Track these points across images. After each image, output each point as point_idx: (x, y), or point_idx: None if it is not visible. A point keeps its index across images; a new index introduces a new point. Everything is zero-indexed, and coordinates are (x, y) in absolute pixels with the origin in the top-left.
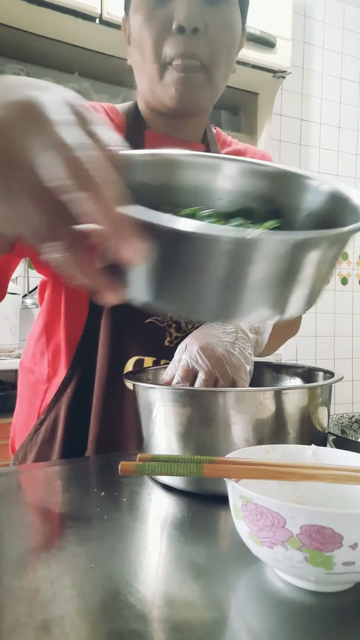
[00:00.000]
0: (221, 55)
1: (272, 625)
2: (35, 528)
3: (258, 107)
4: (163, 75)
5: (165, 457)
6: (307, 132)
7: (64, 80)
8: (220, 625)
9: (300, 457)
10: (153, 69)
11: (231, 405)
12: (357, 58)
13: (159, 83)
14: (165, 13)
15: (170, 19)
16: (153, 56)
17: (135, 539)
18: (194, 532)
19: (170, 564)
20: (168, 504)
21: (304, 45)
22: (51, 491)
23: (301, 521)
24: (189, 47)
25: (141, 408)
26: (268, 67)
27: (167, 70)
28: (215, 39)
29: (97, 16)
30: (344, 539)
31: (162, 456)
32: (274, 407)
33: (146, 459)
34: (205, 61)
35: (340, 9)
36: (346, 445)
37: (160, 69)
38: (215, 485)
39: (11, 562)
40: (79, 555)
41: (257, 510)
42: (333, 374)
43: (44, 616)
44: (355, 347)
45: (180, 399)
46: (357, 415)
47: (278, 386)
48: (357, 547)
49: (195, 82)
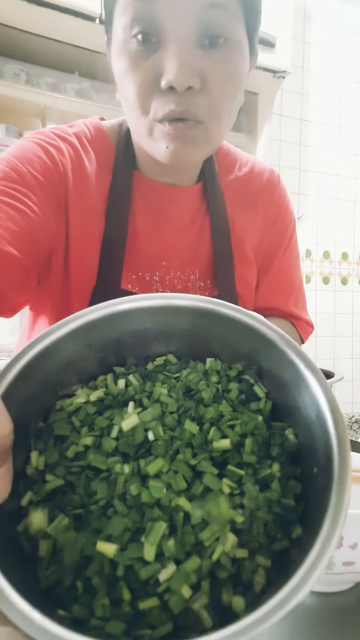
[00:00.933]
0: (222, 110)
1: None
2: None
3: (258, 107)
4: (152, 130)
5: None
6: (307, 132)
7: (64, 80)
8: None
9: None
10: (140, 123)
11: None
12: (357, 58)
13: (148, 138)
14: (153, 64)
15: (159, 72)
16: (140, 111)
17: None
18: None
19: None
20: None
21: (304, 45)
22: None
23: None
24: (182, 105)
25: None
26: (268, 67)
27: (156, 127)
28: (214, 93)
29: (97, 16)
30: (344, 539)
31: None
32: None
33: None
34: (203, 118)
35: (340, 9)
36: None
37: (149, 124)
38: None
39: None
40: None
41: None
42: (333, 374)
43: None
44: (355, 347)
45: None
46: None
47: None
48: (357, 547)
49: (190, 139)
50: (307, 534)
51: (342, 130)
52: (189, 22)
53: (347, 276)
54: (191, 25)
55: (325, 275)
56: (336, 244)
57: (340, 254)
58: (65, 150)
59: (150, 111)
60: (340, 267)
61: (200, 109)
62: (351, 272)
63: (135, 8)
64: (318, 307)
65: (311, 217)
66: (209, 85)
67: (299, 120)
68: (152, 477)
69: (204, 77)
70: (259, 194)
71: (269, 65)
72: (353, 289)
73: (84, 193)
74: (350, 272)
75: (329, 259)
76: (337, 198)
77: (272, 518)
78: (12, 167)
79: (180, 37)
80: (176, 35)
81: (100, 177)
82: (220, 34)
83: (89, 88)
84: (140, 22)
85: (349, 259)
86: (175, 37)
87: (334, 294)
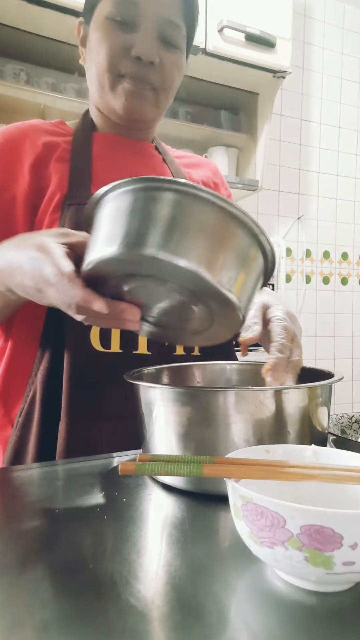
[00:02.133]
0: (170, 86)
1: (272, 625)
2: (35, 528)
3: (258, 107)
4: (115, 86)
5: (165, 457)
6: (307, 132)
7: (64, 80)
8: (220, 625)
9: (300, 457)
10: (105, 78)
11: (231, 405)
12: (357, 58)
13: (111, 92)
14: (127, 39)
15: (130, 45)
16: (108, 67)
17: (135, 539)
18: (194, 532)
19: (170, 564)
20: (168, 504)
21: (304, 45)
22: (51, 491)
23: (301, 521)
24: (143, 72)
25: (141, 408)
26: (268, 67)
27: (119, 82)
28: (166, 72)
29: None
30: (344, 539)
31: (162, 456)
32: (274, 406)
33: (146, 459)
34: (155, 85)
35: (340, 9)
36: (346, 445)
37: (113, 80)
38: (215, 485)
39: (11, 562)
40: (79, 555)
41: (257, 510)
42: (333, 374)
43: (44, 616)
44: (355, 347)
45: (180, 399)
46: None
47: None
48: (357, 547)
49: (144, 96)
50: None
51: (342, 130)
52: (157, 22)
53: (347, 276)
54: (158, 24)
55: (325, 275)
56: (336, 244)
57: (340, 254)
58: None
59: (116, 70)
60: (340, 267)
61: (155, 79)
62: (351, 272)
63: (118, 1)
64: (318, 307)
65: (311, 217)
66: (163, 67)
67: (299, 120)
68: None
69: (161, 60)
70: (200, 164)
71: (269, 65)
72: (353, 289)
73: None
74: (350, 272)
75: (329, 259)
76: (337, 198)
77: None
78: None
79: (149, 29)
80: (147, 27)
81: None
82: (173, 40)
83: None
84: (121, 10)
85: (349, 259)
86: (146, 28)
87: (334, 294)
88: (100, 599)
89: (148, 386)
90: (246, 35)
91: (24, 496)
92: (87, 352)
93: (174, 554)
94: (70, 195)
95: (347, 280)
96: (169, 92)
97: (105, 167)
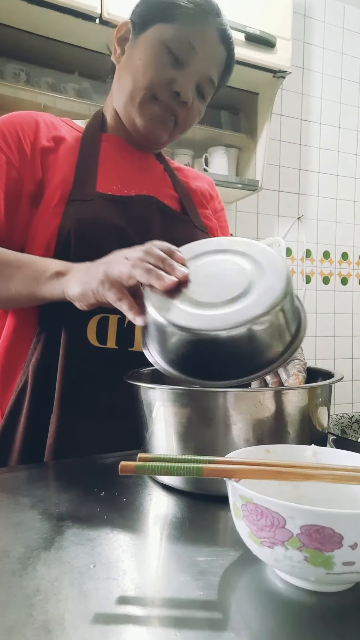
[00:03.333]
0: (188, 125)
1: (272, 625)
2: (35, 528)
3: (258, 107)
4: (145, 105)
5: (165, 457)
6: (307, 132)
7: (64, 80)
8: (220, 625)
9: (300, 457)
10: (139, 94)
11: (231, 405)
12: (357, 58)
13: (139, 107)
14: (173, 73)
15: (174, 80)
16: (147, 86)
17: (135, 539)
18: (194, 532)
19: (170, 564)
20: (168, 504)
21: (304, 45)
22: (51, 491)
23: (301, 521)
24: (174, 106)
25: (141, 408)
26: (268, 67)
27: (150, 103)
28: (190, 114)
29: (97, 16)
30: (344, 539)
31: (162, 456)
32: (274, 407)
33: (146, 459)
34: (178, 120)
35: (340, 9)
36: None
37: (146, 99)
38: (215, 485)
39: (11, 562)
40: (79, 555)
41: (257, 510)
42: (333, 374)
43: (44, 616)
44: (355, 347)
45: (180, 399)
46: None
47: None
48: (357, 547)
49: (166, 125)
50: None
51: (342, 130)
52: (200, 73)
53: (347, 276)
54: (200, 75)
55: (325, 275)
56: (336, 244)
57: (340, 254)
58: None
59: (153, 92)
60: (340, 267)
61: (180, 115)
62: (351, 272)
63: (179, 33)
64: (318, 307)
65: (311, 217)
66: (190, 109)
67: (299, 120)
68: None
69: (192, 105)
70: (197, 177)
71: (269, 65)
72: (353, 289)
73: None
74: (350, 272)
75: (329, 259)
76: (337, 198)
77: None
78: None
79: (192, 75)
80: (191, 73)
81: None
82: (206, 92)
83: (89, 88)
84: (179, 46)
85: (349, 259)
86: (190, 73)
87: (334, 294)
88: (100, 599)
89: (148, 387)
90: (246, 35)
91: (24, 495)
92: (83, 346)
93: (174, 554)
94: (76, 191)
95: (347, 280)
96: (185, 129)
97: (108, 168)
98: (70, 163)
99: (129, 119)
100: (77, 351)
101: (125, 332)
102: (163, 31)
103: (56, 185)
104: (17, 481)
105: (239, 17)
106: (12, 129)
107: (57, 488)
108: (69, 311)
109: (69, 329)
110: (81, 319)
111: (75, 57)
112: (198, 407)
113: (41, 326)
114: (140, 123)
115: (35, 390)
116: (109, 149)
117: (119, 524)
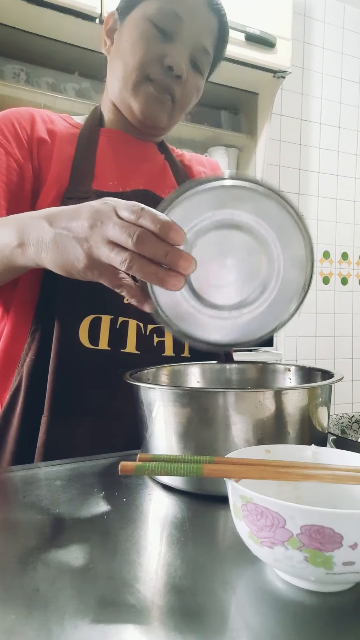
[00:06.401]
0: (187, 102)
1: (272, 625)
2: (35, 528)
3: (258, 107)
4: (139, 87)
5: (165, 457)
6: (307, 132)
7: (64, 80)
8: (220, 626)
9: (300, 457)
10: (132, 77)
11: (231, 405)
12: (357, 58)
13: (133, 91)
14: (162, 47)
15: (164, 54)
16: (138, 67)
17: (135, 539)
18: (194, 532)
19: (170, 564)
20: (168, 504)
21: (304, 45)
22: (51, 491)
23: (301, 521)
24: (169, 82)
25: (141, 408)
26: (268, 67)
27: (144, 84)
28: (187, 89)
29: (97, 16)
30: (344, 539)
31: (162, 456)
32: (273, 407)
33: (146, 459)
34: (176, 97)
35: (340, 9)
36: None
37: (139, 80)
38: (215, 485)
39: (11, 562)
40: (79, 555)
41: (257, 510)
42: (333, 374)
43: (44, 616)
44: (355, 347)
45: (180, 399)
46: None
47: (278, 386)
48: (357, 547)
49: (163, 104)
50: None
51: (342, 130)
52: (192, 43)
53: (347, 276)
54: (192, 45)
55: (325, 275)
56: (336, 244)
57: (340, 254)
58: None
59: (145, 72)
60: (340, 267)
61: (177, 91)
62: (351, 272)
63: (163, 4)
64: (318, 307)
65: (311, 217)
66: (187, 84)
67: (299, 120)
68: None
69: (188, 78)
70: (200, 162)
71: (269, 65)
72: (353, 289)
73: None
74: (350, 272)
75: (329, 259)
76: (337, 198)
77: None
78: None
79: (184, 46)
80: (183, 43)
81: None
82: (200, 64)
83: (89, 88)
84: (164, 18)
85: (349, 259)
86: (182, 43)
87: (334, 294)
88: (100, 599)
89: (148, 387)
90: (246, 35)
91: (23, 496)
92: (74, 347)
93: (174, 554)
94: (72, 188)
95: (347, 280)
96: (184, 107)
97: (106, 164)
98: (66, 159)
99: (125, 106)
100: (69, 352)
101: (118, 333)
102: (147, 8)
103: (52, 182)
104: (17, 481)
105: (239, 17)
106: (9, 123)
107: (57, 488)
108: (61, 310)
109: (61, 330)
110: (73, 320)
111: (75, 57)
112: (198, 407)
113: (35, 325)
114: (136, 107)
115: (29, 390)
116: (107, 143)
117: (118, 524)
